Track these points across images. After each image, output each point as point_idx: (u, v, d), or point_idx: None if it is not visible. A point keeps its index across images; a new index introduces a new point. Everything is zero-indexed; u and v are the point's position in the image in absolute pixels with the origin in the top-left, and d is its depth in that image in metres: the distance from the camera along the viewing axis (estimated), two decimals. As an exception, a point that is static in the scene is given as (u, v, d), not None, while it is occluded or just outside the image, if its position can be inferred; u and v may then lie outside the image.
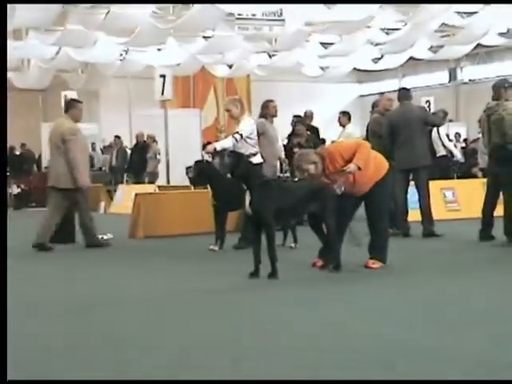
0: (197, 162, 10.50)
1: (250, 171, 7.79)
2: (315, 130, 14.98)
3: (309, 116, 15.46)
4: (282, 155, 12.02)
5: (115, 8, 15.55)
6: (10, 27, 15.23)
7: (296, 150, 13.16)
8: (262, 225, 7.57)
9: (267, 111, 11.25)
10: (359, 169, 7.82)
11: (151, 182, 20.85)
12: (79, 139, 10.71)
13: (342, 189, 7.90)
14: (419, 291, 6.77)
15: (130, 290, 7.21)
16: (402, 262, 8.46)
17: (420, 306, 6.10)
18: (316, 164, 7.90)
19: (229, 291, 6.99)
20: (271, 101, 11.40)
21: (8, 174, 22.67)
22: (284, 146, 14.70)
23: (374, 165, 8.05)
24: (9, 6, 13.81)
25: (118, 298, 6.76)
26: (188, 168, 10.35)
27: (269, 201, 7.54)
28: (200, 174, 10.26)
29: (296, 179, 9.98)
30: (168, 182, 17.24)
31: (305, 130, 13.77)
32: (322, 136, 15.86)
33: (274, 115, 11.35)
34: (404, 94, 11.46)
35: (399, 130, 11.01)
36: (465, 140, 24.67)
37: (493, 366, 4.30)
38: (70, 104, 11.06)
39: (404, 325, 5.38)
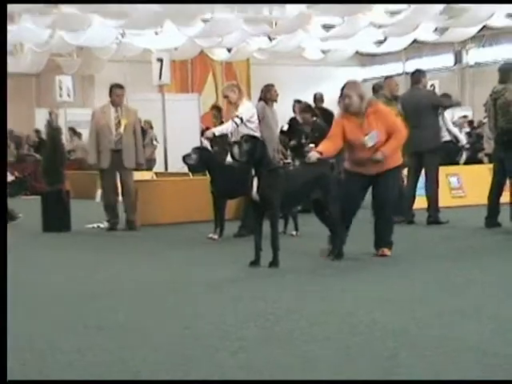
0: (196, 149, 10.45)
1: (266, 156, 7.78)
2: (329, 114, 14.07)
3: (319, 98, 14.92)
4: (278, 143, 11.90)
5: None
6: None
7: (303, 141, 13.08)
8: (268, 211, 7.59)
9: (269, 95, 11.24)
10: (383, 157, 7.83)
11: (148, 168, 20.84)
12: (96, 120, 11.50)
13: (376, 140, 7.80)
14: (423, 280, 6.79)
15: (125, 280, 7.20)
16: (405, 251, 8.47)
17: (423, 294, 6.12)
18: (361, 99, 7.85)
19: (229, 280, 7.01)
20: (272, 85, 11.41)
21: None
22: (282, 131, 14.50)
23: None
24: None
25: (113, 289, 6.76)
26: (186, 156, 10.26)
27: (277, 188, 7.58)
28: (199, 160, 10.23)
29: (298, 164, 9.93)
30: (166, 168, 17.23)
31: (310, 117, 13.49)
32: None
33: (275, 100, 11.36)
34: (413, 77, 11.45)
35: (408, 115, 10.99)
36: (470, 122, 24.58)
37: (496, 356, 4.32)
38: (109, 90, 11.59)
39: (407, 314, 5.40)
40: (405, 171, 11.33)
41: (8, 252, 5.11)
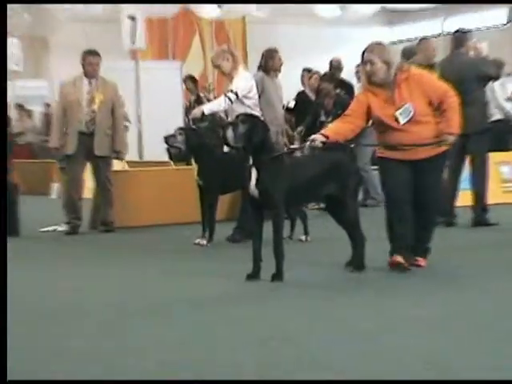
0: (181, 129, 10.39)
1: (267, 140, 7.79)
2: (348, 87, 14.34)
3: (336, 66, 14.92)
4: (283, 123, 11.95)
5: None
6: None
7: (322, 118, 13.13)
8: (271, 210, 7.62)
9: (271, 63, 11.27)
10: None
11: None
12: (64, 95, 11.77)
13: (411, 115, 7.72)
14: (462, 294, 6.86)
15: (97, 297, 7.24)
16: (444, 259, 8.52)
17: (461, 311, 6.20)
18: (388, 66, 7.77)
19: (221, 298, 7.05)
20: (276, 51, 11.41)
21: None
22: (288, 109, 14.48)
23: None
24: None
25: (84, 306, 6.83)
26: (171, 137, 10.16)
27: (282, 180, 7.61)
28: (186, 143, 10.14)
29: (307, 151, 9.93)
30: (140, 156, 17.27)
31: (332, 89, 13.44)
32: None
33: (278, 70, 11.38)
34: (455, 39, 11.42)
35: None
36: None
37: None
38: (81, 58, 11.72)
39: (437, 334, 5.48)
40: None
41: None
